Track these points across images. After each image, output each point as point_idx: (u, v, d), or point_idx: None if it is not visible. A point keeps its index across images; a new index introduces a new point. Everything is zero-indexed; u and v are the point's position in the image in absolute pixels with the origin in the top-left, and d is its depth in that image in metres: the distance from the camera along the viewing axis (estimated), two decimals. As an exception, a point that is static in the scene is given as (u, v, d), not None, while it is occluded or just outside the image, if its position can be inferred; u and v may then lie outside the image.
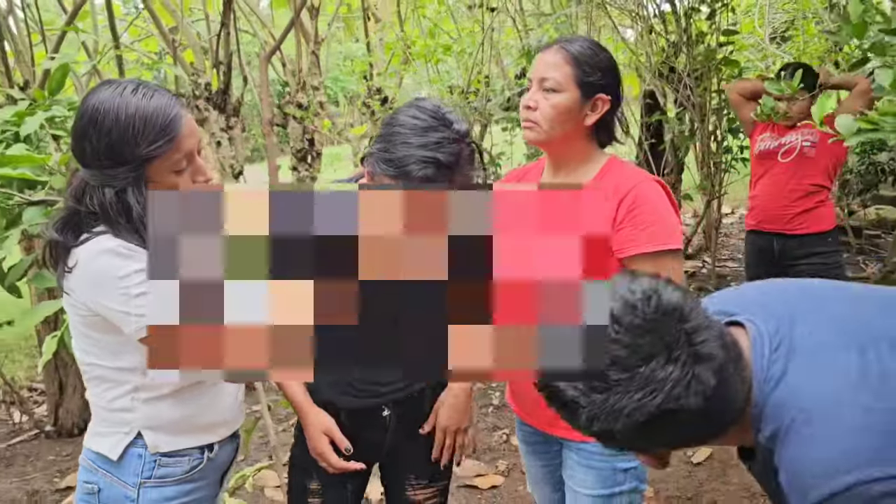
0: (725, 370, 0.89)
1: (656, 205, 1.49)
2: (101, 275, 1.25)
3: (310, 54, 4.42)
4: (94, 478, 1.37)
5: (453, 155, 1.30)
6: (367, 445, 1.64)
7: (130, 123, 1.23)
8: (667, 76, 4.92)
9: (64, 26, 3.25)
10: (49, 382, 3.72)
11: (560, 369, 0.90)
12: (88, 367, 1.36)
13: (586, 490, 1.58)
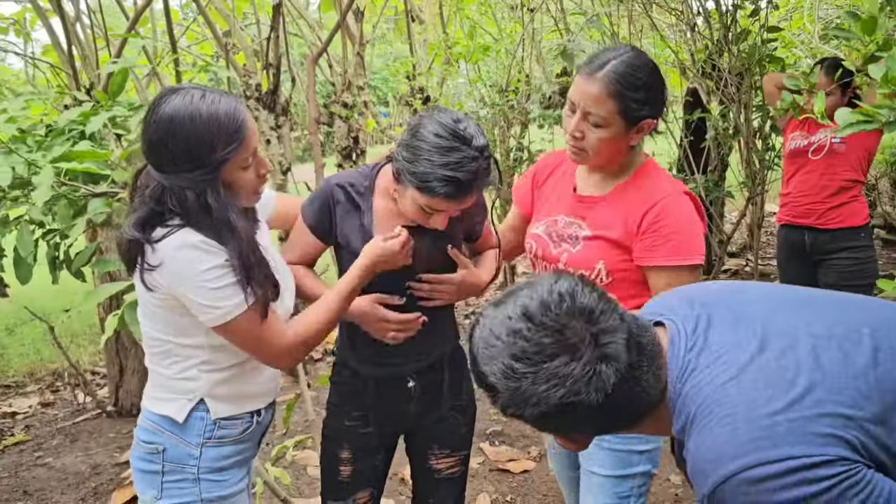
0: (633, 369, 0.99)
1: (680, 219, 1.52)
2: (185, 267, 1.33)
3: (355, 55, 4.58)
4: (158, 438, 1.49)
5: (472, 172, 1.44)
6: (393, 416, 1.77)
7: (206, 130, 1.31)
8: (709, 74, 4.91)
9: (126, 32, 3.47)
10: (110, 366, 3.97)
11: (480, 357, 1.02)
12: (157, 342, 1.48)
13: (602, 471, 1.63)
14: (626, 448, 1.60)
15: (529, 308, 0.99)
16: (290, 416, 2.23)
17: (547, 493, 2.96)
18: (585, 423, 1.03)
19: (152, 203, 1.36)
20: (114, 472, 3.31)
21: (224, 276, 1.35)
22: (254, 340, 1.43)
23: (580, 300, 0.99)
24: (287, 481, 2.28)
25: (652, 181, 1.58)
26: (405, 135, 1.50)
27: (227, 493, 1.54)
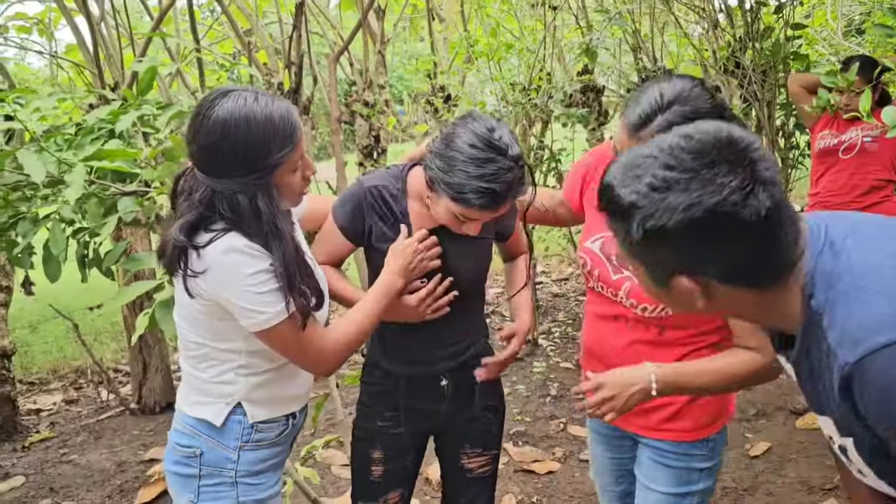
0: (782, 207, 0.92)
1: None
2: (230, 271, 1.32)
3: (376, 54, 4.58)
4: (195, 442, 1.48)
5: (507, 183, 1.43)
6: (425, 414, 1.76)
7: (261, 133, 1.30)
8: (732, 71, 4.87)
9: (150, 32, 3.48)
10: (134, 363, 3.99)
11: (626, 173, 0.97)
12: (194, 345, 1.47)
13: (659, 487, 1.59)
14: (686, 465, 1.56)
15: (687, 131, 0.96)
16: (318, 415, 2.23)
17: (573, 494, 2.94)
18: (729, 253, 0.94)
19: (202, 208, 1.34)
20: (139, 470, 3.32)
21: (268, 282, 1.34)
22: (296, 346, 1.42)
23: (737, 132, 0.95)
24: (316, 481, 2.28)
25: None
26: (439, 143, 1.48)
27: (264, 496, 1.53)
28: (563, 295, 5.90)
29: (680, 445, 1.56)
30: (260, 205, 1.33)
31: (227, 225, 1.34)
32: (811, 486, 2.83)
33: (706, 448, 1.56)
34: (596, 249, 1.62)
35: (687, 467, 1.56)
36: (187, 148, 1.37)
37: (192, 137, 1.33)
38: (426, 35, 5.79)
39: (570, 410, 3.70)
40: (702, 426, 1.55)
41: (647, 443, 1.61)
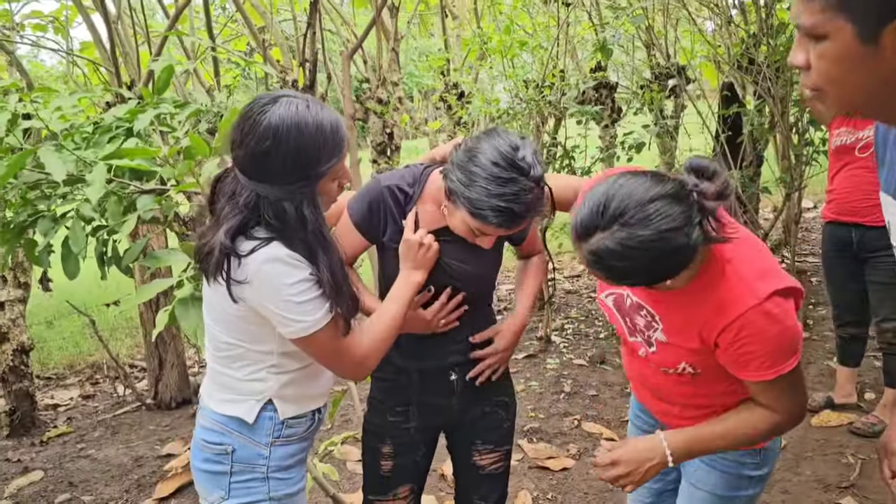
0: None
1: (768, 333, 1.26)
2: (272, 281, 1.32)
3: (390, 51, 4.59)
4: (226, 439, 1.49)
5: (526, 204, 1.41)
6: (436, 409, 1.77)
7: (313, 141, 1.30)
8: (746, 68, 4.85)
9: (167, 30, 3.51)
10: (150, 359, 4.02)
11: None
12: (228, 346, 1.47)
13: (706, 487, 1.57)
14: (736, 472, 1.54)
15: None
16: (335, 411, 2.24)
17: (587, 491, 2.95)
18: None
19: (247, 212, 1.34)
20: (156, 465, 3.36)
21: (309, 290, 1.35)
22: (332, 353, 1.44)
23: None
24: (335, 477, 2.29)
25: (728, 289, 1.29)
26: (461, 155, 1.46)
27: (294, 490, 1.56)
28: (575, 292, 5.90)
29: (734, 452, 1.52)
30: (306, 213, 1.34)
31: (269, 233, 1.34)
32: (827, 485, 2.82)
33: (758, 457, 1.53)
34: (610, 304, 1.56)
35: (737, 474, 1.54)
36: (232, 152, 1.36)
37: (241, 142, 1.33)
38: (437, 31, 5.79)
39: (583, 407, 3.71)
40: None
41: None
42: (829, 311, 3.70)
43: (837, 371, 3.50)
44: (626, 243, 1.16)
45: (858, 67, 0.88)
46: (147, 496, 3.08)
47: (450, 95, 4.94)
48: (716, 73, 5.54)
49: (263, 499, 1.50)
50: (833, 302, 3.42)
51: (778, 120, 4.85)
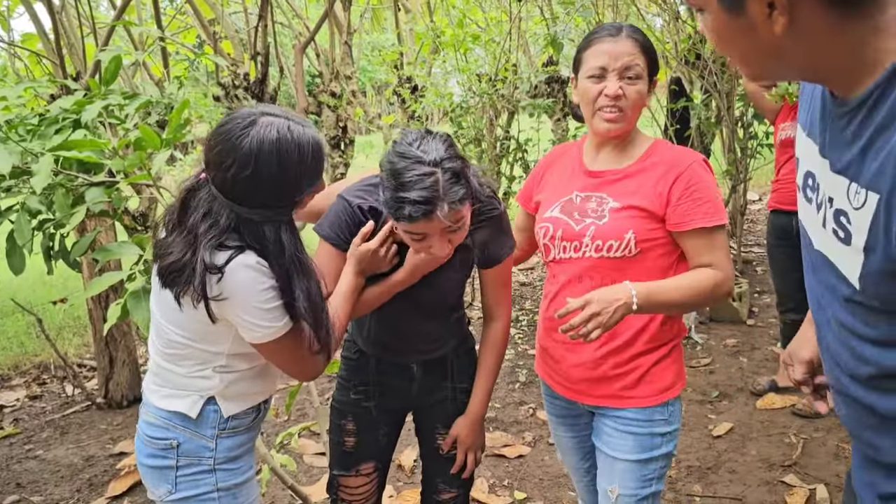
0: None
1: (709, 184, 1.57)
2: (243, 288, 1.32)
3: (342, 44, 4.57)
4: (171, 434, 1.49)
5: (430, 188, 1.38)
6: (395, 392, 1.82)
7: (294, 168, 1.31)
8: (693, 63, 4.97)
9: (114, 20, 3.43)
10: (100, 357, 3.94)
11: None
12: (177, 345, 1.45)
13: (624, 455, 1.64)
14: (649, 431, 1.63)
15: None
16: (292, 403, 2.24)
17: (542, 476, 3.00)
18: None
19: (228, 233, 1.34)
20: (108, 464, 3.29)
21: (276, 297, 1.37)
22: (292, 359, 1.46)
23: None
24: (293, 467, 2.29)
25: (673, 152, 1.62)
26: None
27: (242, 480, 1.56)
28: (529, 284, 5.97)
29: (644, 411, 1.63)
30: (283, 237, 1.35)
31: (240, 242, 1.34)
32: (771, 463, 2.93)
33: (666, 412, 1.65)
34: (556, 214, 1.69)
35: (650, 433, 1.63)
36: (209, 170, 1.34)
37: (220, 164, 1.30)
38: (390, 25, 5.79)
39: (538, 396, 3.77)
40: (662, 390, 1.64)
41: (608, 413, 1.67)
42: (774, 298, 3.84)
43: (781, 355, 3.63)
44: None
45: (738, 37, 0.89)
46: (99, 495, 3.03)
47: (403, 89, 4.95)
48: (664, 68, 5.66)
49: (211, 490, 1.51)
50: (776, 288, 3.55)
51: (724, 114, 5.00)
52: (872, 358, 0.92)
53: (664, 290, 1.51)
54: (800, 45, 0.86)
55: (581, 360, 1.68)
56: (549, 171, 1.83)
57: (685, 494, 2.78)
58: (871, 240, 0.84)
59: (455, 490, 1.89)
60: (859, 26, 0.83)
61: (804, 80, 0.98)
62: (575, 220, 1.65)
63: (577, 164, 1.73)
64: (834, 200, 0.91)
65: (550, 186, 1.77)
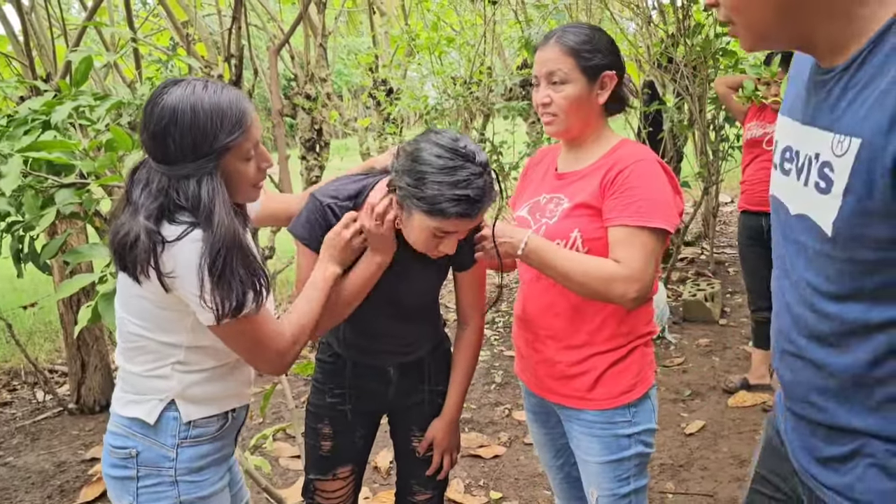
0: None
1: (649, 183, 1.52)
2: (188, 263, 1.30)
3: (317, 47, 4.57)
4: (130, 443, 1.44)
5: (480, 188, 1.43)
6: (372, 395, 1.81)
7: (208, 118, 1.31)
8: (665, 67, 5.04)
9: (85, 21, 3.40)
10: (72, 362, 3.89)
11: None
12: (133, 336, 1.43)
13: (593, 458, 1.66)
14: (612, 433, 1.63)
15: None
16: (266, 405, 2.23)
17: (518, 476, 3.02)
18: None
19: (161, 197, 1.33)
20: (80, 470, 3.25)
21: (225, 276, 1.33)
22: (251, 343, 1.40)
23: None
24: (268, 469, 2.28)
25: (627, 150, 1.60)
26: (403, 161, 1.47)
27: (207, 493, 1.49)
28: (505, 286, 6.00)
29: (603, 413, 1.63)
30: (205, 188, 1.33)
31: (193, 219, 1.33)
32: (742, 460, 2.98)
33: (629, 414, 1.63)
34: (524, 214, 1.71)
35: (613, 434, 1.63)
36: (140, 136, 1.36)
37: (144, 126, 1.33)
38: (366, 29, 5.80)
39: (514, 396, 3.79)
40: (620, 393, 1.63)
41: (573, 415, 1.68)
42: (745, 298, 3.90)
43: (752, 354, 3.69)
44: (576, 25, 1.66)
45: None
46: (70, 501, 2.99)
47: (379, 92, 4.95)
48: (637, 72, 5.73)
49: (174, 503, 1.45)
50: (748, 288, 3.60)
51: (696, 117, 5.06)
52: (833, 313, 0.97)
53: (556, 256, 1.52)
54: (802, 7, 0.93)
55: (543, 357, 1.70)
56: (530, 173, 1.84)
57: (658, 492, 2.81)
58: (851, 183, 0.89)
59: (430, 492, 1.89)
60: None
61: (798, 48, 1.03)
62: (535, 219, 1.67)
63: (551, 166, 1.75)
64: (820, 155, 0.97)
65: (528, 189, 1.79)
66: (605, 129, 1.68)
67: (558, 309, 1.64)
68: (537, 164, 1.85)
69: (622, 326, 1.62)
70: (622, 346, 1.63)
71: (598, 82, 1.59)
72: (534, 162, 1.88)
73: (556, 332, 1.66)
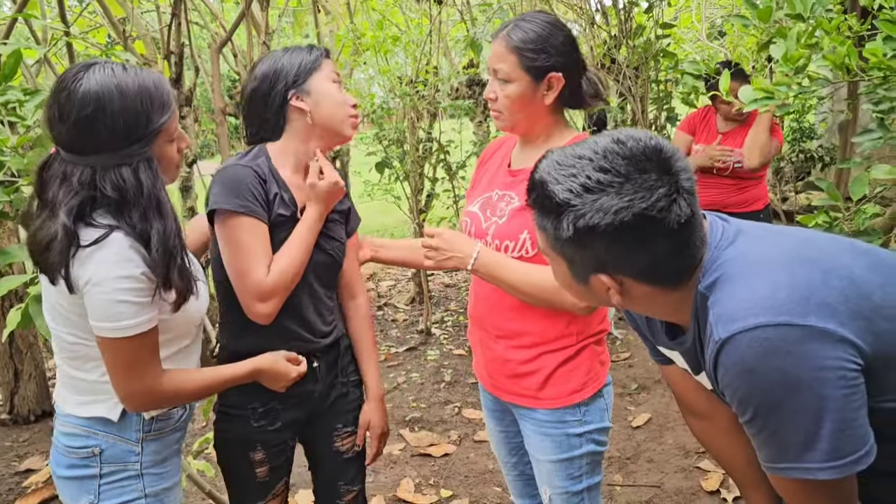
0: (696, 214, 1.02)
1: None
2: (100, 268, 1.25)
3: (261, 45, 4.49)
4: (92, 441, 1.40)
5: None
6: (300, 400, 1.69)
7: (138, 101, 1.27)
8: (608, 67, 5.12)
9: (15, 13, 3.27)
10: (4, 371, 3.73)
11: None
12: (71, 346, 1.38)
13: (545, 456, 1.64)
14: (562, 432, 1.62)
15: (619, 136, 1.03)
16: (210, 408, 2.17)
17: (468, 474, 3.02)
18: (651, 253, 1.02)
19: (83, 191, 1.27)
20: (13, 482, 3.12)
21: (130, 293, 1.28)
22: (121, 370, 1.33)
23: (665, 143, 1.03)
24: (211, 474, 2.22)
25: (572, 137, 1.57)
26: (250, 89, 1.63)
27: (170, 483, 1.49)
28: (454, 285, 6.00)
29: (553, 413, 1.62)
30: (142, 177, 1.28)
31: (110, 218, 1.28)
32: (687, 451, 3.04)
33: (578, 413, 1.62)
34: (475, 209, 1.69)
35: (564, 433, 1.62)
36: (52, 131, 1.28)
37: (60, 116, 1.26)
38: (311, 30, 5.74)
39: (464, 395, 3.79)
40: (570, 392, 1.61)
41: (526, 414, 1.67)
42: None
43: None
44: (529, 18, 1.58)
45: (578, 292, 1.18)
46: (3, 515, 2.87)
47: (324, 91, 4.90)
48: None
49: (139, 497, 1.43)
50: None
51: (639, 117, 5.16)
52: None
53: (506, 270, 1.53)
54: (641, 306, 1.15)
55: (494, 355, 1.69)
56: (486, 162, 1.82)
57: (606, 485, 2.84)
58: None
59: (357, 486, 1.82)
60: (685, 292, 1.08)
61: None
62: (486, 217, 1.65)
63: (504, 160, 1.73)
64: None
65: (482, 182, 1.77)
66: (556, 125, 1.63)
67: (506, 307, 1.63)
68: (494, 152, 1.82)
69: (571, 326, 1.61)
70: (572, 346, 1.62)
71: (545, 82, 1.55)
72: (491, 149, 1.85)
73: (505, 330, 1.65)
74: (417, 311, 5.20)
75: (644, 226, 0.98)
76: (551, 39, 1.54)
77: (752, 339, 0.96)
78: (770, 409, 0.98)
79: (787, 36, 1.65)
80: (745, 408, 1.00)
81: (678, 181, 1.00)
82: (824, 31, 1.74)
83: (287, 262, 1.54)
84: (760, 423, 1.00)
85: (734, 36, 7.07)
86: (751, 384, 0.98)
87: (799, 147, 6.64)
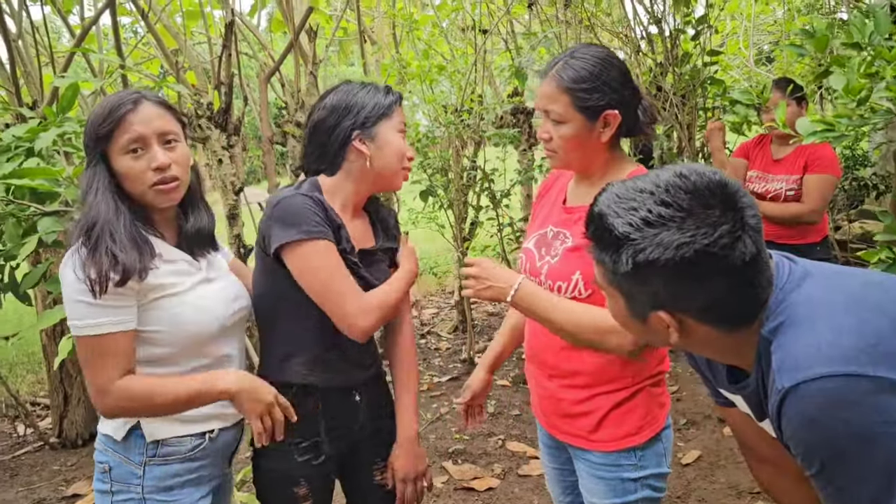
0: (762, 252, 0.97)
1: None
2: (65, 271, 1.37)
3: (308, 75, 4.56)
4: (104, 458, 1.47)
5: None
6: (344, 433, 1.66)
7: (92, 115, 1.44)
8: (655, 95, 5.06)
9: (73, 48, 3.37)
10: (54, 395, 3.80)
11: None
12: None
13: (598, 499, 1.58)
14: (617, 476, 1.55)
15: (682, 171, 0.99)
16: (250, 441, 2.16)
17: (512, 510, 2.95)
18: (712, 291, 0.98)
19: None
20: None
21: (83, 293, 1.34)
22: (89, 372, 1.38)
23: (730, 180, 1.00)
24: (254, 506, 2.20)
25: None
26: (316, 118, 1.62)
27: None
28: (497, 314, 5.95)
29: (608, 456, 1.55)
30: (85, 176, 1.43)
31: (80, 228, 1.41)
32: (740, 491, 2.91)
33: (634, 458, 1.55)
34: (530, 246, 1.65)
35: (619, 478, 1.55)
36: None
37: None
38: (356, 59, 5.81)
39: (507, 427, 3.72)
40: (626, 435, 1.55)
41: (581, 455, 1.61)
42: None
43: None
44: (579, 54, 1.52)
45: (636, 330, 1.15)
46: (49, 540, 2.89)
47: (369, 120, 4.94)
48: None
49: None
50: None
51: (685, 145, 5.08)
52: None
53: (548, 305, 1.48)
54: (700, 347, 1.11)
55: (548, 393, 1.64)
56: (544, 196, 1.78)
57: (656, 525, 2.74)
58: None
59: None
60: (748, 335, 1.04)
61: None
62: (540, 255, 1.61)
63: (560, 195, 1.68)
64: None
65: (539, 216, 1.73)
66: (613, 160, 1.56)
67: (559, 346, 1.57)
68: (552, 183, 1.77)
69: (627, 367, 1.54)
70: (627, 388, 1.55)
71: (600, 121, 1.49)
72: (550, 181, 1.79)
73: (558, 369, 1.60)
74: (461, 340, 5.15)
75: (706, 263, 0.94)
76: (604, 76, 1.47)
77: (818, 389, 0.91)
78: (836, 462, 0.92)
79: (847, 66, 1.59)
80: (811, 461, 0.95)
81: (743, 218, 0.96)
82: (885, 61, 1.67)
83: (389, 289, 1.61)
84: (827, 476, 0.94)
85: (783, 62, 6.93)
86: (815, 435, 0.92)
87: (852, 174, 6.46)
